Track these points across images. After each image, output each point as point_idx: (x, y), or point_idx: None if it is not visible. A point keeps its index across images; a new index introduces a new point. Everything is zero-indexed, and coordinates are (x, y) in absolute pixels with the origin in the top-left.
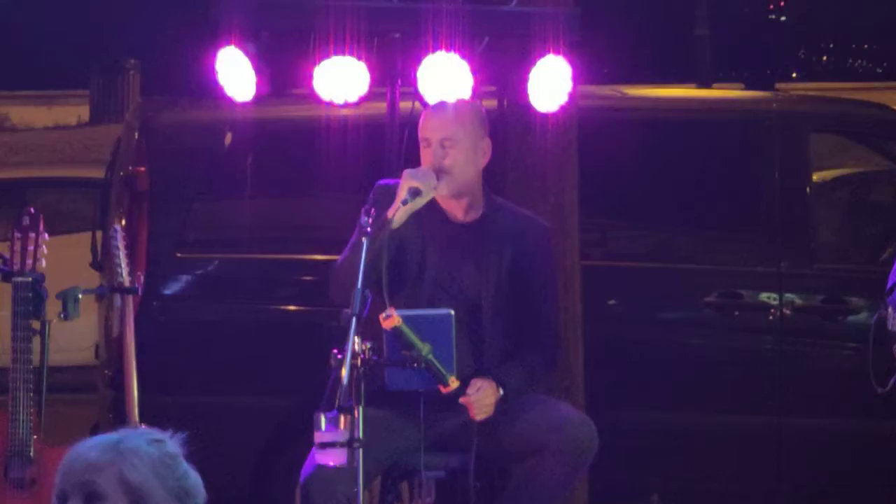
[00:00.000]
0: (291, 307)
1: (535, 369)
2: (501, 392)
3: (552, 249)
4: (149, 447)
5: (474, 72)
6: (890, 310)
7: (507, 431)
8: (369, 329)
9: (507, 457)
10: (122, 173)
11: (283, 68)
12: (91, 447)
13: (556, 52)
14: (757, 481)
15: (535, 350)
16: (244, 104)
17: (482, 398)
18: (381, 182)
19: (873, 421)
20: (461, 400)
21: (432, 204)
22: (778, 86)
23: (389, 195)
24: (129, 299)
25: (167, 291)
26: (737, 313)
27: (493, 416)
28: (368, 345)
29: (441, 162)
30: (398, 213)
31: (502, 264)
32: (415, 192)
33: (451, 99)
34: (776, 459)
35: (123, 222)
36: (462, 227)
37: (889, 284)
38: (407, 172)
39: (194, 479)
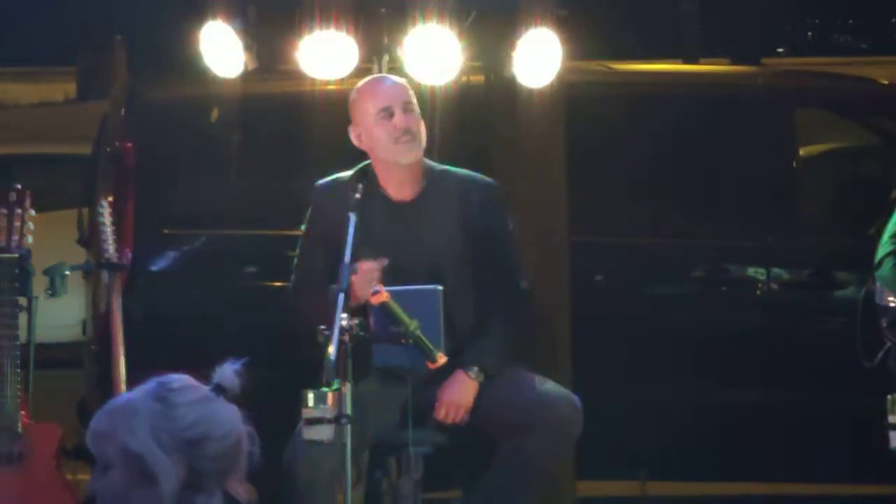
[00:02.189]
0: (278, 283)
1: (509, 336)
2: (473, 374)
3: (502, 205)
4: (153, 403)
5: (461, 47)
6: (878, 284)
7: (495, 408)
8: (357, 305)
9: (493, 432)
10: (108, 149)
11: (269, 44)
12: (103, 413)
13: (543, 26)
14: (744, 456)
15: (504, 313)
16: (230, 80)
17: (451, 407)
18: (318, 183)
19: (861, 395)
20: (436, 415)
21: (374, 189)
22: (764, 61)
23: (323, 197)
24: (116, 275)
25: (154, 267)
26: (724, 288)
27: (479, 393)
28: (356, 321)
29: (411, 126)
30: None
31: (455, 234)
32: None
33: (435, 76)
34: (763, 434)
35: (110, 198)
36: (406, 206)
37: (877, 259)
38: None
39: (211, 422)
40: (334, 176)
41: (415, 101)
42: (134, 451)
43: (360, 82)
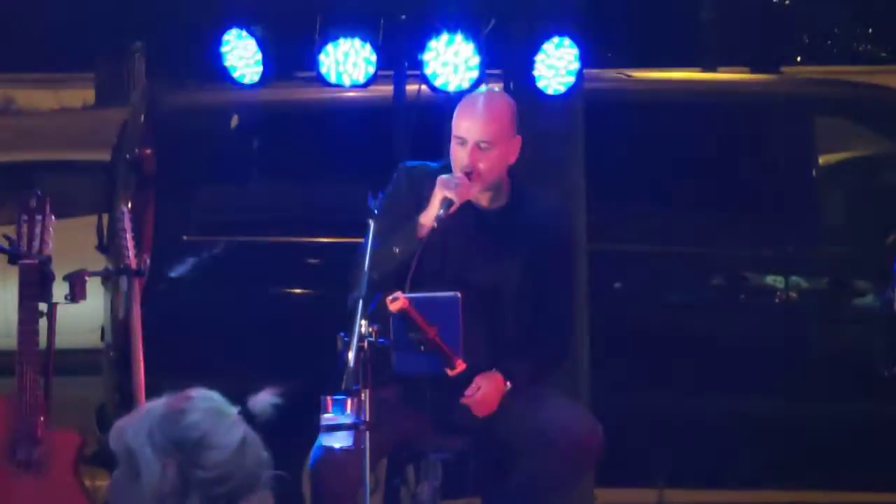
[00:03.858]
0: (297, 290)
1: (546, 362)
2: (509, 385)
3: (573, 235)
4: (158, 405)
5: (481, 54)
6: None
7: (519, 422)
8: (376, 312)
9: (516, 447)
10: (128, 156)
11: (289, 51)
12: (130, 413)
13: (563, 33)
14: (763, 465)
15: (547, 342)
16: (250, 87)
17: (482, 398)
18: (406, 163)
19: (880, 403)
20: (462, 401)
21: None
22: (783, 69)
23: (413, 178)
24: (135, 282)
25: (173, 274)
26: (742, 297)
27: (504, 405)
28: (375, 327)
29: (476, 165)
30: (430, 223)
31: (527, 253)
32: (448, 203)
33: (456, 84)
34: (783, 442)
35: (129, 205)
36: (486, 215)
37: (895, 267)
38: (440, 182)
39: (210, 431)
40: (424, 162)
41: (496, 137)
42: (130, 448)
43: (471, 92)
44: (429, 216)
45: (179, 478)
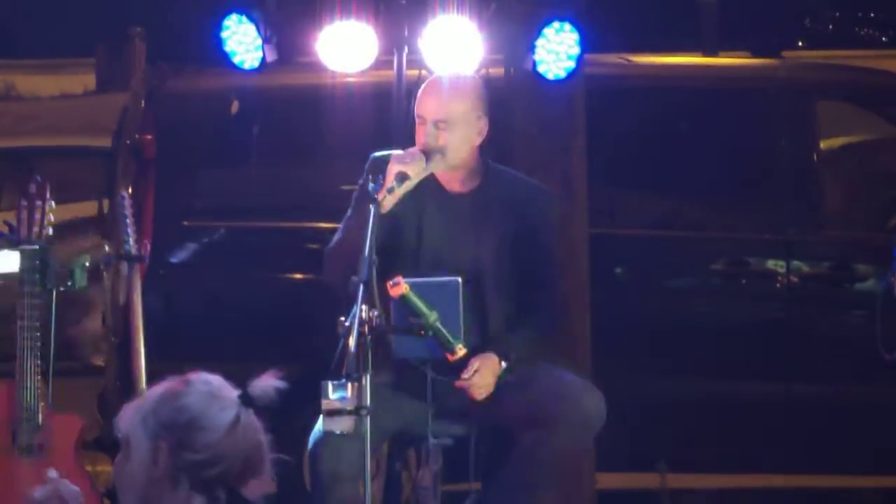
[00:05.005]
0: (297, 275)
1: (539, 337)
2: (504, 365)
3: (555, 215)
4: (158, 389)
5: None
6: None
7: (516, 400)
8: (377, 296)
9: (514, 425)
10: (128, 141)
11: (289, 35)
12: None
13: (564, 18)
14: (765, 449)
15: (538, 318)
16: (251, 72)
17: (478, 381)
18: (375, 154)
19: (881, 388)
20: (457, 384)
21: (428, 175)
22: (784, 54)
23: (383, 168)
24: (136, 267)
25: (174, 259)
26: (744, 281)
27: (500, 385)
28: (375, 312)
29: (434, 143)
30: (386, 199)
31: (504, 234)
32: (402, 178)
33: (455, 68)
34: (784, 426)
35: (130, 190)
36: (459, 197)
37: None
38: (395, 157)
39: (202, 415)
40: (391, 152)
41: (456, 116)
42: (125, 431)
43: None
44: (383, 192)
45: (170, 461)
